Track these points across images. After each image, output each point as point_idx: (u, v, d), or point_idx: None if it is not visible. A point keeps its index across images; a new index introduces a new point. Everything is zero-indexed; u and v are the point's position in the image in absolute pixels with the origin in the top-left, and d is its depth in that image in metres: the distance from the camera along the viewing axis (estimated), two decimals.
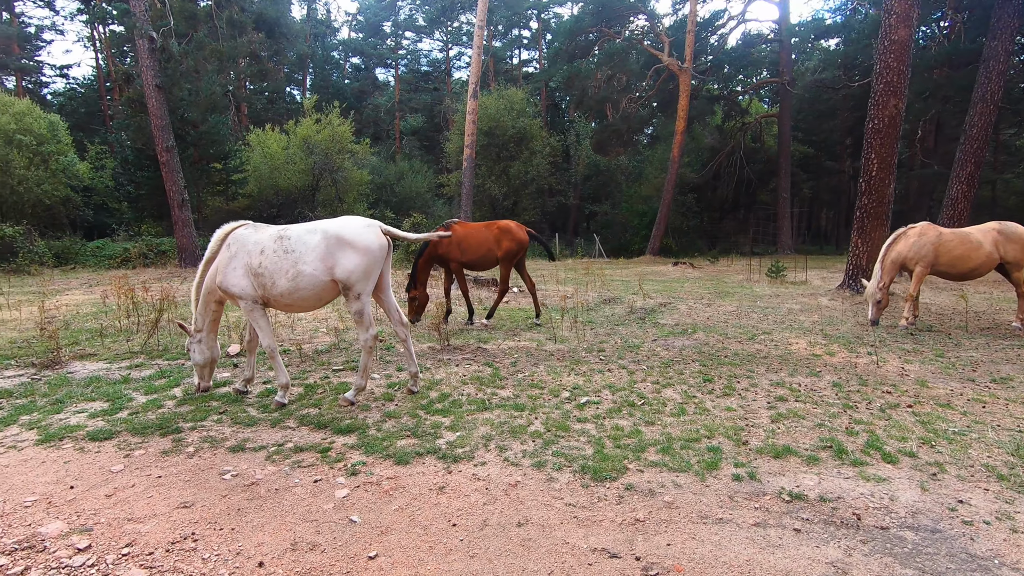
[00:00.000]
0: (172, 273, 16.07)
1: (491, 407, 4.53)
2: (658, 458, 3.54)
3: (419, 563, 2.65)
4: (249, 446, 3.85)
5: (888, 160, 10.49)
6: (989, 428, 4.03)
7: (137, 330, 7.48)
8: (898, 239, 8.38)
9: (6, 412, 4.54)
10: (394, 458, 3.62)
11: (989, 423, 4.14)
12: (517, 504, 3.10)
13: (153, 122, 15.49)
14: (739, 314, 9.34)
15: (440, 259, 7.95)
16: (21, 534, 2.85)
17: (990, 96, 17.17)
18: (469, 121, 25.76)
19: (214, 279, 4.76)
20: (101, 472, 3.51)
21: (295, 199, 27.72)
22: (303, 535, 2.86)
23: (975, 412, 4.40)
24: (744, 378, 5.34)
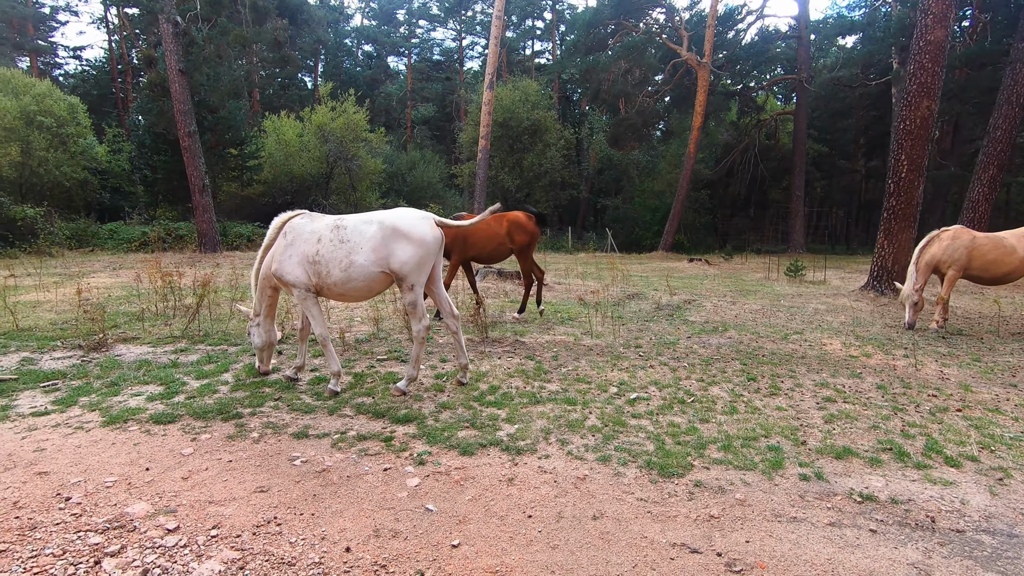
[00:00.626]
0: (192, 258, 16.15)
1: (543, 400, 4.58)
2: (721, 456, 3.59)
3: (502, 552, 2.70)
4: (312, 433, 3.91)
5: (918, 162, 10.44)
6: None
7: (174, 314, 7.55)
8: (931, 242, 8.36)
9: (64, 393, 4.61)
10: (458, 449, 3.67)
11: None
12: (588, 498, 3.15)
13: (176, 106, 15.51)
14: (766, 313, 9.35)
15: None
16: (109, 514, 2.91)
17: (1016, 98, 17.01)
18: (484, 112, 25.68)
19: (268, 267, 4.81)
20: (172, 455, 3.58)
21: (309, 186, 27.75)
22: (383, 522, 2.92)
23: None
24: (787, 378, 5.37)
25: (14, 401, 4.45)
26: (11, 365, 5.35)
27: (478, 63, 54.74)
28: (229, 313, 7.51)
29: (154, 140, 21.91)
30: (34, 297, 9.05)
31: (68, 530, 2.77)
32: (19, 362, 5.45)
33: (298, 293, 4.68)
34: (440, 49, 54.60)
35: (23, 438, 3.78)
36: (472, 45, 54.10)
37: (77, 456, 3.53)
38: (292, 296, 4.85)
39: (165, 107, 17.57)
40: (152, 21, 16.86)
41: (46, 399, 4.50)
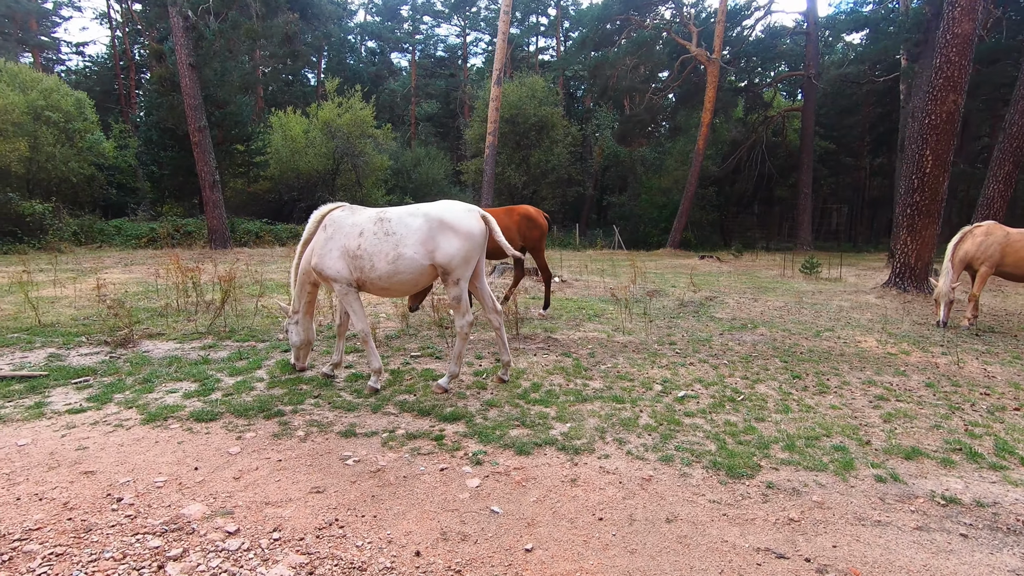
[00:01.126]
0: (203, 254, 16.03)
1: (589, 398, 4.46)
2: (787, 456, 3.47)
3: (579, 557, 2.58)
4: (359, 431, 3.80)
5: (944, 157, 10.31)
6: None
7: (196, 311, 7.43)
8: (964, 238, 8.24)
9: (98, 390, 4.49)
10: (514, 448, 3.55)
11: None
12: (658, 499, 3.04)
13: (186, 101, 15.36)
14: (791, 310, 9.23)
15: None
16: (165, 515, 2.80)
17: None
18: (492, 108, 25.50)
19: (308, 261, 4.69)
20: (220, 454, 3.46)
21: (315, 183, 27.61)
22: (449, 525, 2.80)
23: None
24: (832, 375, 5.25)
25: (47, 398, 4.33)
26: (39, 361, 5.24)
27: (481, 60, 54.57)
28: (254, 309, 7.39)
29: (161, 136, 21.77)
30: (50, 293, 8.92)
31: (125, 532, 2.65)
32: (47, 358, 5.33)
33: (339, 288, 4.56)
34: (444, 45, 54.36)
35: (63, 436, 3.66)
36: (476, 41, 53.88)
37: (121, 455, 3.42)
38: (333, 291, 4.72)
39: (175, 102, 17.42)
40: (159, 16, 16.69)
41: (79, 396, 4.39)
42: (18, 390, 4.46)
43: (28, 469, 3.23)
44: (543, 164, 29.71)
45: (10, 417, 3.94)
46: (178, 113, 17.16)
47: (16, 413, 4.02)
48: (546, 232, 7.83)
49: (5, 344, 5.74)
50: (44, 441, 3.59)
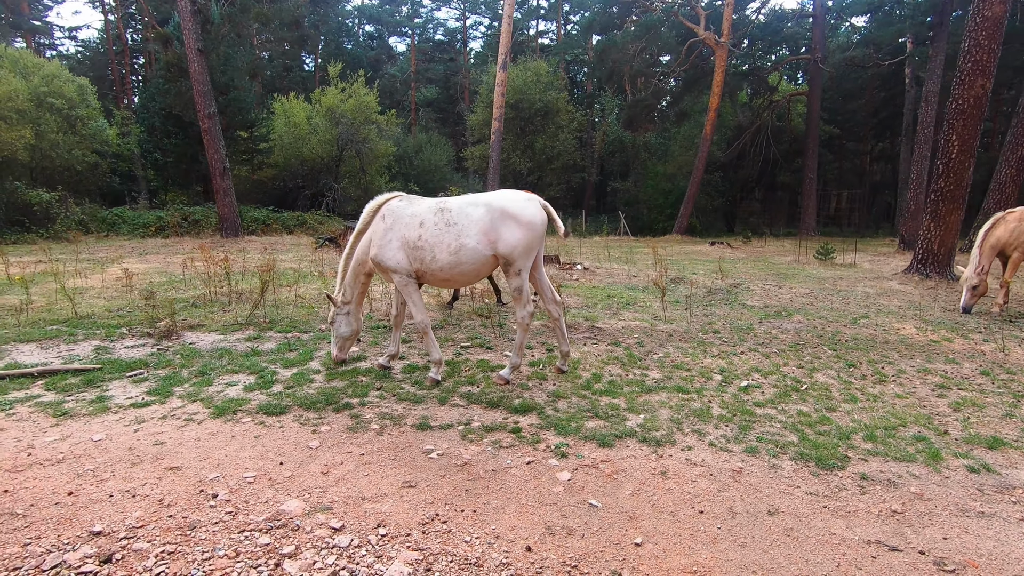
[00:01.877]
0: (215, 243, 15.89)
1: (654, 389, 4.44)
2: (871, 447, 3.46)
3: (690, 551, 2.57)
4: (434, 424, 3.77)
5: (970, 143, 10.25)
6: None
7: (230, 301, 7.36)
8: (996, 224, 8.21)
9: (155, 383, 4.44)
10: (595, 440, 3.53)
11: None
12: (754, 492, 3.03)
13: (195, 87, 15.10)
14: (818, 297, 9.23)
15: None
16: (265, 512, 2.77)
17: None
18: (498, 93, 25.26)
19: (365, 251, 4.62)
20: (300, 448, 3.43)
21: (319, 170, 27.36)
22: (551, 519, 2.79)
23: None
24: (886, 364, 5.25)
25: (106, 391, 4.28)
26: (87, 354, 5.18)
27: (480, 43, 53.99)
28: (293, 299, 7.32)
29: (164, 122, 21.45)
30: (72, 284, 8.82)
31: (230, 530, 2.62)
32: (94, 351, 5.27)
33: (399, 279, 4.50)
34: (443, 29, 53.67)
35: (135, 431, 3.62)
36: (476, 25, 53.26)
37: (202, 450, 3.38)
38: (391, 282, 4.66)
39: (183, 88, 17.13)
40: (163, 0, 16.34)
41: (138, 389, 4.34)
42: (74, 384, 4.41)
43: (111, 465, 3.19)
44: (548, 150, 29.51)
45: (76, 412, 3.90)
46: (186, 99, 16.89)
47: (80, 407, 3.97)
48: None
49: (47, 336, 5.67)
50: (118, 436, 3.55)
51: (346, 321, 4.83)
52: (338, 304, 4.81)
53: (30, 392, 4.27)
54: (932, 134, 19.00)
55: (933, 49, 18.41)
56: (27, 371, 4.56)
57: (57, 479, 3.05)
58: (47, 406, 3.99)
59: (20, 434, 3.57)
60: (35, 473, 3.10)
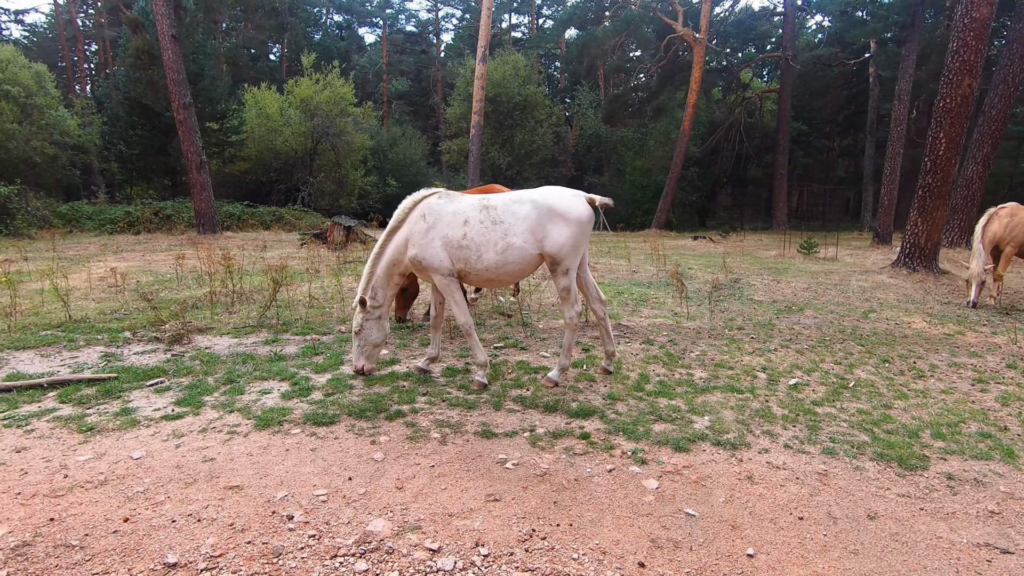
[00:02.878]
0: (192, 239, 15.20)
1: (707, 389, 4.38)
2: (943, 445, 3.47)
3: (805, 562, 2.50)
4: (497, 431, 3.60)
5: (957, 140, 10.57)
6: None
7: (233, 301, 6.99)
8: (991, 220, 8.48)
9: (181, 392, 4.14)
10: (670, 445, 3.44)
11: None
12: (846, 495, 2.98)
13: (168, 76, 14.34)
14: (818, 291, 9.37)
15: None
16: (350, 533, 2.57)
17: (1011, 78, 17.37)
18: (477, 87, 24.96)
19: (401, 251, 4.39)
20: (364, 461, 3.22)
21: (292, 163, 26.58)
22: (652, 531, 2.67)
23: None
24: (915, 359, 5.33)
25: (130, 403, 3.97)
26: (94, 361, 4.81)
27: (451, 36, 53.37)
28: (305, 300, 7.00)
29: (128, 112, 20.41)
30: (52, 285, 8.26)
31: (320, 555, 2.42)
32: (101, 358, 4.91)
33: (440, 280, 4.30)
34: (415, 21, 52.76)
35: (177, 446, 3.35)
36: (448, 17, 52.53)
37: (257, 466, 3.14)
38: (433, 282, 4.45)
39: (154, 76, 16.27)
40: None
41: (163, 399, 4.04)
42: (91, 395, 4.07)
43: (162, 486, 2.93)
44: (528, 144, 29.36)
45: (103, 426, 3.59)
46: (158, 88, 16.06)
47: (106, 421, 3.66)
48: None
49: (45, 343, 5.25)
50: (160, 453, 3.27)
51: (377, 326, 4.47)
52: (368, 308, 4.53)
53: (43, 405, 3.92)
54: (904, 131, 19.62)
55: (905, 49, 18.99)
56: (36, 382, 4.20)
57: (105, 503, 2.77)
58: (68, 420, 3.67)
59: (47, 453, 3.26)
60: (79, 497, 2.82)
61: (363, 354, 4.46)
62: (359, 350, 4.45)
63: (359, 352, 4.45)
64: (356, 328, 4.46)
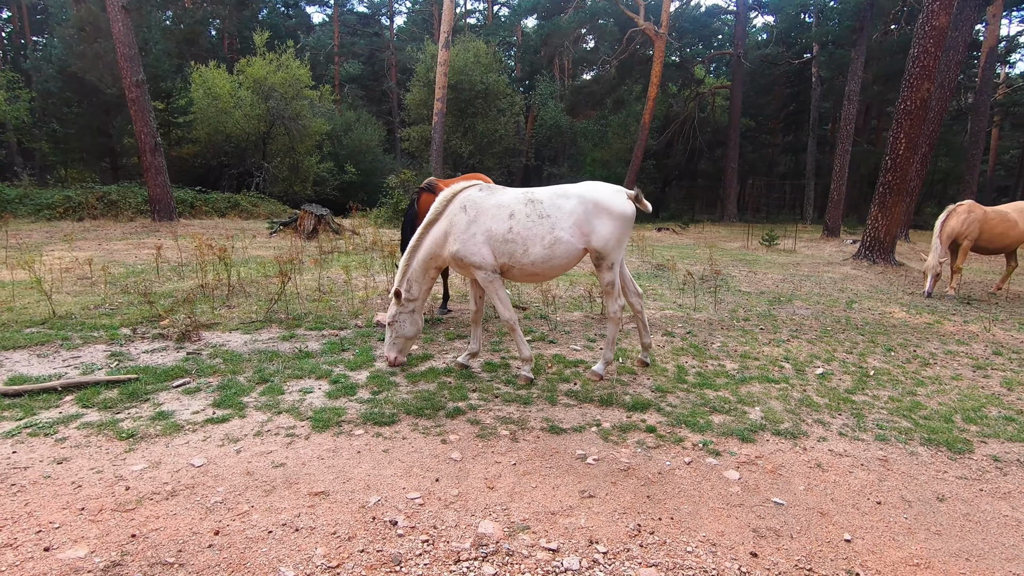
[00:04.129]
0: (146, 227, 14.29)
1: (746, 380, 4.52)
2: (978, 428, 3.74)
3: (898, 544, 2.64)
4: (564, 427, 3.60)
5: (915, 140, 11.29)
6: None
7: (228, 295, 6.63)
8: (950, 216, 9.11)
9: (214, 394, 3.91)
10: (735, 436, 3.54)
11: None
12: (909, 479, 3.16)
13: (119, 51, 13.27)
14: (795, 283, 9.83)
15: None
16: (463, 537, 2.51)
17: (947, 83, 18.66)
18: (440, 73, 24.59)
19: (439, 244, 4.28)
20: (443, 461, 3.15)
21: (245, 147, 25.32)
22: (751, 521, 2.75)
23: None
24: (914, 347, 5.69)
25: (161, 406, 3.71)
26: (102, 361, 4.46)
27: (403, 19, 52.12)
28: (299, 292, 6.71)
29: (62, 88, 18.84)
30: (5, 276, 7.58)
31: (442, 561, 2.36)
32: (108, 357, 4.55)
33: (483, 275, 4.23)
34: (367, 2, 51.09)
35: (237, 451, 3.17)
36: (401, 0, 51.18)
37: (333, 470, 3.01)
38: (474, 278, 4.37)
39: (100, 50, 15.01)
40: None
41: (198, 401, 3.80)
42: (114, 398, 3.78)
43: (239, 494, 2.77)
44: (490, 134, 29.13)
45: (144, 433, 3.34)
46: (105, 63, 14.84)
47: (145, 427, 3.41)
48: None
49: (35, 342, 4.82)
50: (222, 459, 3.08)
51: (411, 320, 4.40)
52: (403, 301, 4.43)
53: (64, 410, 3.61)
54: (852, 130, 20.75)
55: (855, 52, 20.05)
56: (49, 385, 3.85)
57: (185, 516, 2.60)
58: (101, 427, 3.39)
59: (94, 463, 3.01)
60: (152, 510, 2.62)
61: (395, 346, 4.41)
62: (391, 342, 4.40)
63: (391, 344, 4.40)
64: (389, 320, 4.39)
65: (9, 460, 3.02)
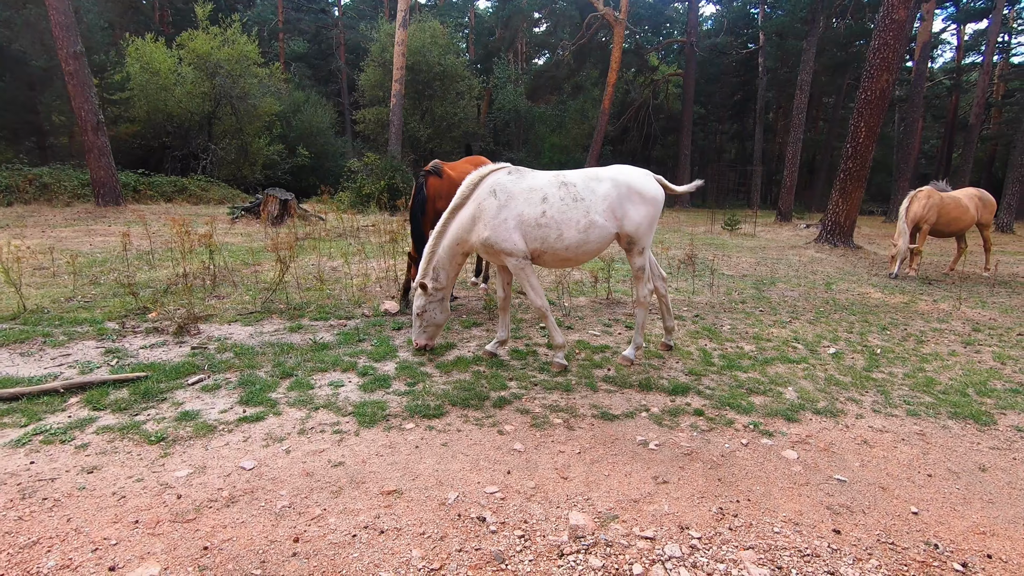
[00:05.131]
0: (91, 213, 13.23)
1: (768, 361, 4.63)
2: (993, 401, 3.98)
3: (959, 514, 2.76)
4: (614, 413, 3.58)
5: (874, 129, 11.85)
6: None
7: (212, 285, 6.22)
8: (913, 201, 9.65)
9: (236, 390, 3.66)
10: (780, 416, 3.61)
11: None
12: (950, 452, 3.32)
13: (53, 19, 12.07)
14: (769, 265, 10.18)
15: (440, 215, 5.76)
16: (558, 529, 2.45)
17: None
18: (397, 53, 23.95)
19: (466, 229, 4.13)
20: (507, 452, 3.06)
21: (188, 128, 23.84)
22: (821, 498, 2.82)
23: None
24: (903, 326, 6.00)
25: (182, 406, 3.43)
26: (96, 358, 4.09)
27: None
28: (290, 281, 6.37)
29: None
30: None
31: (544, 556, 2.28)
32: (104, 354, 4.17)
33: (515, 262, 4.11)
34: None
35: (287, 451, 2.97)
36: None
37: (397, 466, 2.87)
38: (503, 265, 4.25)
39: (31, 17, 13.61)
40: None
41: (221, 399, 3.54)
42: (127, 398, 3.47)
43: (306, 497, 2.59)
44: (449, 117, 28.60)
45: (175, 435, 3.09)
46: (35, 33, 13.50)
47: (173, 428, 3.15)
48: None
49: (11, 339, 4.36)
50: (273, 460, 2.88)
51: (440, 308, 4.35)
52: (430, 290, 4.28)
53: (74, 414, 3.28)
54: (804, 119, 21.60)
55: (806, 43, 20.82)
56: (49, 386, 3.49)
57: (254, 524, 2.41)
58: (124, 431, 3.10)
59: (130, 471, 2.75)
60: (215, 519, 2.42)
61: (425, 334, 4.43)
62: (420, 330, 4.41)
63: (420, 331, 4.42)
64: (418, 310, 4.33)
65: (30, 472, 2.71)
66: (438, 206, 5.62)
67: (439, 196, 5.65)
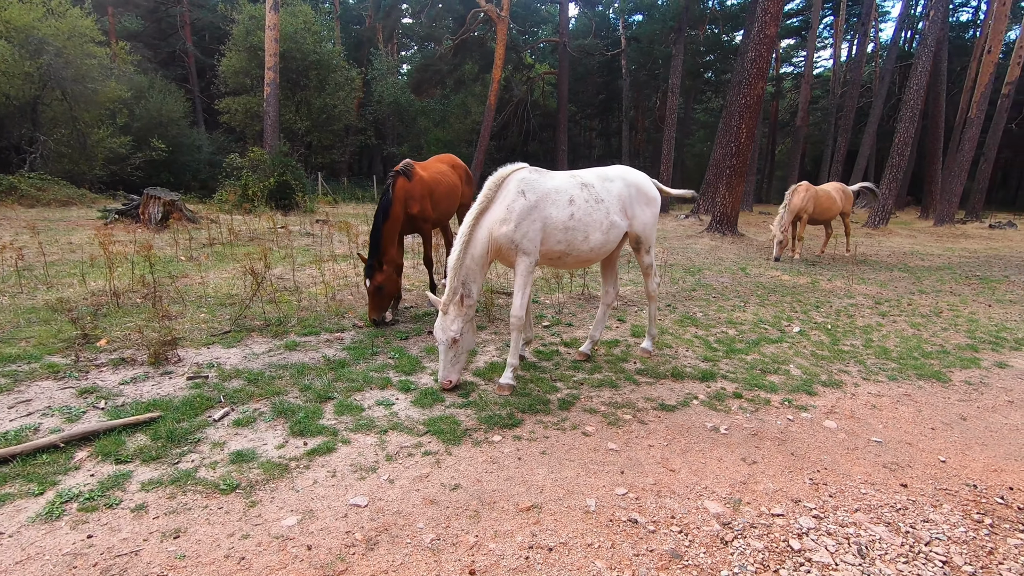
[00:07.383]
0: None
1: (759, 343, 5.14)
2: (946, 360, 4.82)
3: (972, 458, 3.36)
4: (670, 403, 3.77)
5: (752, 130, 13.41)
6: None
7: (153, 304, 5.38)
8: (794, 193, 11.11)
9: (278, 421, 3.28)
10: (802, 391, 4.07)
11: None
12: (935, 407, 3.99)
13: None
14: (682, 253, 11.15)
15: (413, 220, 5.47)
16: (704, 520, 2.58)
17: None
18: (269, 38, 22.29)
19: (495, 233, 3.99)
20: (603, 452, 3.11)
21: (6, 116, 19.99)
22: (875, 460, 3.26)
23: (999, 314, 6.76)
24: (827, 304, 6.96)
25: (225, 446, 3.00)
26: (73, 402, 3.39)
27: None
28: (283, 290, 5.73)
29: None
30: None
31: (714, 547, 2.40)
32: (77, 396, 3.47)
33: (528, 264, 3.88)
34: None
35: (391, 480, 2.75)
36: None
37: (513, 481, 2.80)
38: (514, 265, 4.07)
39: None
40: None
41: (268, 434, 3.15)
42: (149, 445, 2.96)
43: (448, 526, 2.45)
44: (328, 109, 27.03)
45: (245, 480, 2.72)
46: None
47: (239, 473, 2.77)
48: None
49: None
50: (383, 493, 2.66)
51: (471, 328, 3.83)
52: (464, 308, 3.75)
53: (96, 470, 2.73)
54: (676, 118, 23.69)
55: (675, 49, 22.85)
56: (46, 441, 2.85)
57: (416, 564, 2.24)
58: (178, 483, 2.66)
59: (225, 529, 2.38)
60: (369, 566, 2.21)
61: (456, 365, 3.79)
62: (451, 361, 3.76)
63: (452, 365, 3.77)
64: (455, 335, 3.70)
65: (96, 547, 2.23)
66: (410, 210, 5.40)
67: (410, 198, 5.37)
